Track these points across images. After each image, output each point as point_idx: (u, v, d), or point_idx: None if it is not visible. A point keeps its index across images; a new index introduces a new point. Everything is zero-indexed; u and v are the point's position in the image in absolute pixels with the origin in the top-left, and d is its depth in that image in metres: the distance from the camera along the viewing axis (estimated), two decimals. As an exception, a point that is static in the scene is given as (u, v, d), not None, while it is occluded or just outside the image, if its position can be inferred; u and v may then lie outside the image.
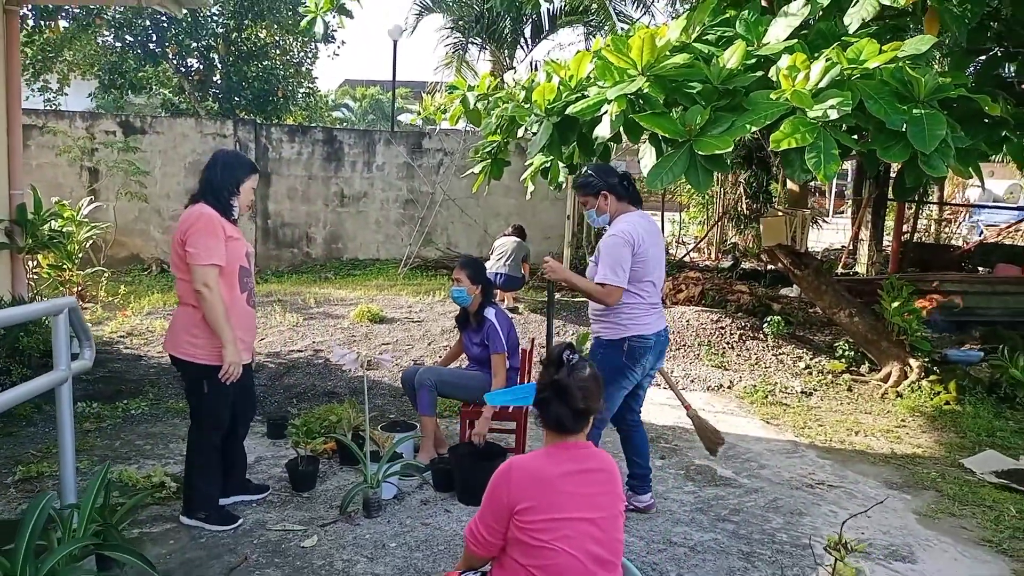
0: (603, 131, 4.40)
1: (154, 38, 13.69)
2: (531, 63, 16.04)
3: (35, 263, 6.83)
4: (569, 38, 48.75)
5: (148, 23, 13.53)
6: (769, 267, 10.86)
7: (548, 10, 15.41)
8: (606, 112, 4.37)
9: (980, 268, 11.62)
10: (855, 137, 4.52)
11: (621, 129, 4.35)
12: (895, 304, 6.90)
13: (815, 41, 4.70)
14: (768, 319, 7.86)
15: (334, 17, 6.90)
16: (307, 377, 6.17)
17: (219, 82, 14.49)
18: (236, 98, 14.33)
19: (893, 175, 13.38)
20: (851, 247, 13.22)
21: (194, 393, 3.65)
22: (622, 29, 14.12)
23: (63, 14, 12.61)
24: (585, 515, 2.14)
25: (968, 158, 4.72)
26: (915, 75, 4.06)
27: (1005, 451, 5.15)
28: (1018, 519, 4.06)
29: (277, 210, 12.28)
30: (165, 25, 13.53)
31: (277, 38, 14.71)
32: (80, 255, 7.22)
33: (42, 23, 12.17)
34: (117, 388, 5.77)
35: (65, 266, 6.86)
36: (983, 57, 6.36)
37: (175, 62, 14.14)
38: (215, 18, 13.97)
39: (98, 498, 3.14)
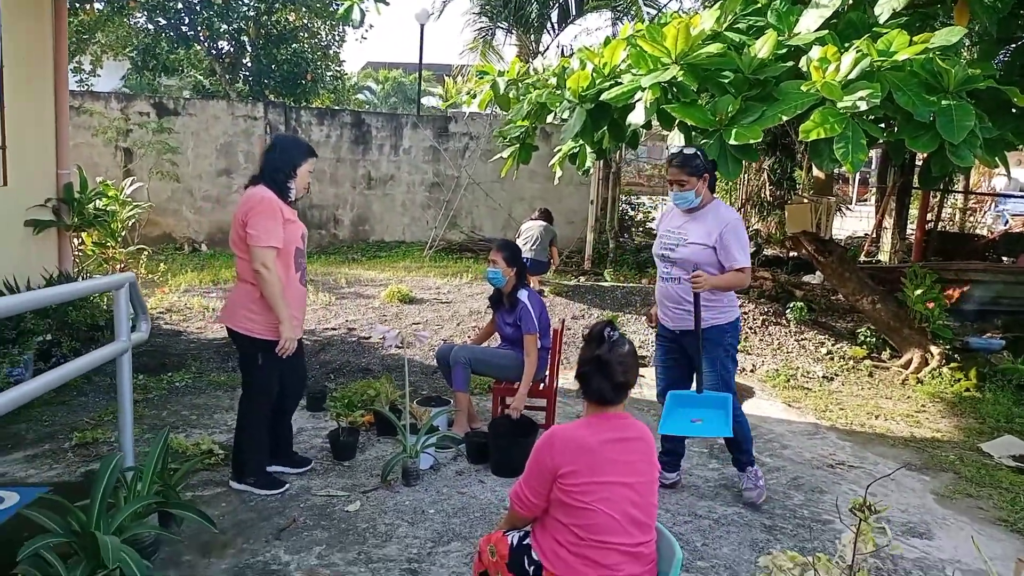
0: (637, 118, 4.52)
1: (186, 21, 13.91)
2: (559, 48, 16.08)
3: (79, 241, 7.07)
4: (596, 23, 48.54)
5: (180, 5, 13.76)
6: (792, 254, 10.93)
7: (576, -6, 15.45)
8: (640, 99, 4.50)
9: (1005, 258, 11.61)
10: (883, 126, 4.62)
11: (654, 116, 4.48)
12: (918, 292, 6.98)
13: (845, 31, 4.79)
14: (791, 305, 7.97)
15: (370, 3, 7.04)
16: (342, 354, 6.38)
17: (249, 65, 14.70)
18: (265, 80, 14.54)
19: (919, 164, 13.38)
20: (875, 235, 13.22)
21: (248, 365, 3.84)
22: (648, 15, 14.13)
23: (98, -4, 12.88)
24: (624, 479, 2.31)
25: (995, 148, 4.80)
26: (945, 67, 4.15)
27: (1023, 437, 5.25)
28: (1034, 500, 4.19)
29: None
30: (197, 8, 13.75)
31: (306, 21, 14.88)
32: (123, 233, 7.46)
33: (77, 5, 12.42)
34: (161, 362, 6.01)
35: (109, 244, 7.11)
36: (1013, 45, 6.40)
37: (206, 45, 14.36)
38: (246, 1, 14.16)
39: (158, 462, 3.36)
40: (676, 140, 5.12)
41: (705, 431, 3.68)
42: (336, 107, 15.59)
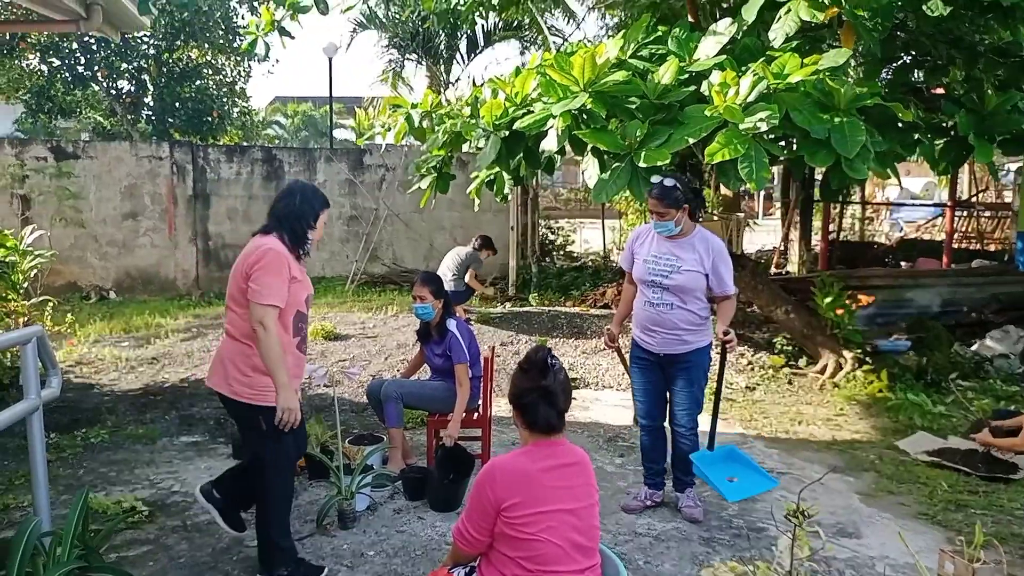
0: (550, 145, 4.63)
1: (83, 61, 13.45)
2: (471, 78, 16.27)
3: (-24, 295, 6.69)
4: (505, 53, 49.50)
5: (76, 45, 13.30)
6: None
7: (483, 26, 15.69)
8: (552, 127, 4.61)
9: (903, 263, 12.28)
10: (782, 145, 4.86)
11: (567, 142, 4.60)
12: (827, 300, 7.31)
13: (741, 55, 5.03)
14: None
15: (275, 38, 6.96)
16: (266, 397, 6.20)
17: (151, 104, 14.30)
18: (170, 119, 14.18)
19: (819, 178, 14.05)
20: (782, 247, 13.78)
21: (253, 435, 3.39)
22: (555, 43, 14.47)
23: (-15, 38, 12.33)
24: (565, 506, 2.33)
25: (886, 160, 5.11)
26: (835, 86, 4.40)
27: (934, 432, 5.54)
28: (950, 493, 4.42)
29: (218, 231, 12.17)
30: (94, 47, 13.31)
31: (209, 57, 14.60)
32: (24, 285, 7.10)
33: (-37, 48, 11.86)
34: (73, 418, 5.70)
35: (10, 297, 6.74)
36: (894, 65, 6.86)
37: (105, 84, 13.90)
38: (146, 39, 13.80)
39: (78, 524, 3.19)
40: (590, 166, 5.25)
41: (749, 490, 3.79)
42: (245, 143, 15.29)
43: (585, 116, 4.56)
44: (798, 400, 6.58)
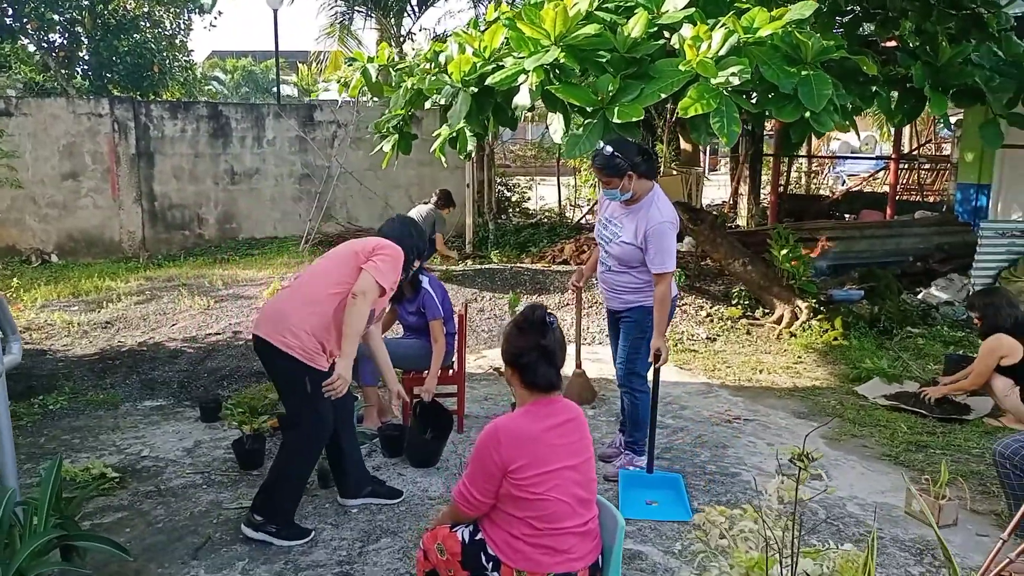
0: (523, 100, 4.56)
1: (10, 12, 12.69)
2: (422, 31, 15.89)
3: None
4: (458, 5, 48.35)
5: (1, -4, 12.55)
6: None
7: (434, -23, 15.30)
8: (524, 82, 4.54)
9: (847, 215, 12.60)
10: (752, 99, 4.89)
11: (539, 98, 4.54)
12: (784, 252, 7.48)
13: (707, 7, 5.00)
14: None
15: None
16: (230, 359, 6.10)
17: (87, 58, 13.62)
18: (107, 75, 13.55)
19: (769, 133, 14.25)
20: (732, 202, 13.99)
21: (295, 396, 3.36)
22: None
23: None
24: (568, 463, 2.34)
25: (846, 113, 5.19)
26: (802, 39, 4.42)
27: (889, 378, 5.75)
28: (909, 435, 4.61)
29: (164, 191, 11.79)
30: (22, -2, 12.59)
31: (147, 9, 13.94)
32: (-36, 249, 6.78)
33: None
34: (28, 385, 5.52)
35: (-50, 262, 6.44)
36: (846, 19, 6.92)
37: (36, 37, 13.17)
38: (79, -11, 13.11)
39: (53, 493, 3.11)
40: (554, 122, 5.21)
41: (664, 515, 3.61)
42: (190, 99, 14.74)
43: (558, 71, 4.49)
44: (757, 350, 6.75)
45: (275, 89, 23.68)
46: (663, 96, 4.41)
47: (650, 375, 3.97)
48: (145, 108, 11.70)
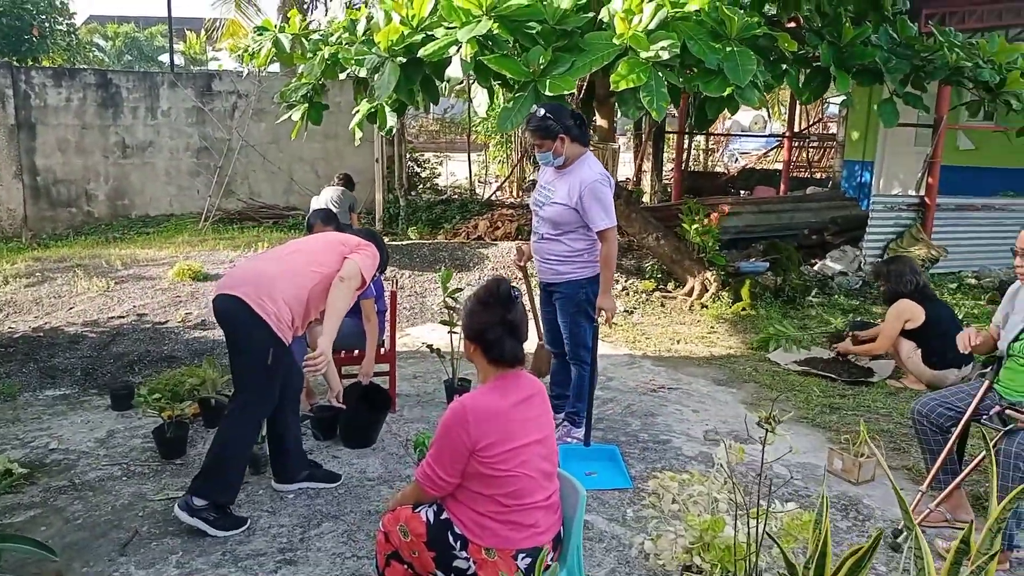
0: (455, 72, 4.49)
1: None
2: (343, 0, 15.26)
3: None
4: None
5: None
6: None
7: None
8: (456, 53, 4.45)
9: (743, 191, 13.10)
10: (680, 74, 4.97)
11: (471, 69, 4.47)
12: (695, 226, 7.71)
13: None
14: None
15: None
16: (138, 344, 5.77)
17: (-47, 20, 12.44)
18: (-22, 38, 12.42)
19: (673, 114, 14.54)
20: (635, 178, 14.28)
21: (248, 359, 3.28)
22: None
23: None
24: (535, 437, 2.33)
25: (764, 90, 5.37)
26: (729, 14, 4.53)
27: (797, 344, 6.04)
28: (822, 398, 4.87)
29: (47, 165, 10.99)
30: None
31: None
32: None
33: None
34: (-91, 377, 5.06)
35: None
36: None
37: None
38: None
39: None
40: (480, 96, 5.16)
41: (603, 483, 3.65)
42: (76, 66, 13.74)
43: (491, 42, 4.43)
44: (672, 321, 6.95)
45: (163, 58, 22.36)
46: (594, 69, 4.43)
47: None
48: (25, 75, 10.84)
